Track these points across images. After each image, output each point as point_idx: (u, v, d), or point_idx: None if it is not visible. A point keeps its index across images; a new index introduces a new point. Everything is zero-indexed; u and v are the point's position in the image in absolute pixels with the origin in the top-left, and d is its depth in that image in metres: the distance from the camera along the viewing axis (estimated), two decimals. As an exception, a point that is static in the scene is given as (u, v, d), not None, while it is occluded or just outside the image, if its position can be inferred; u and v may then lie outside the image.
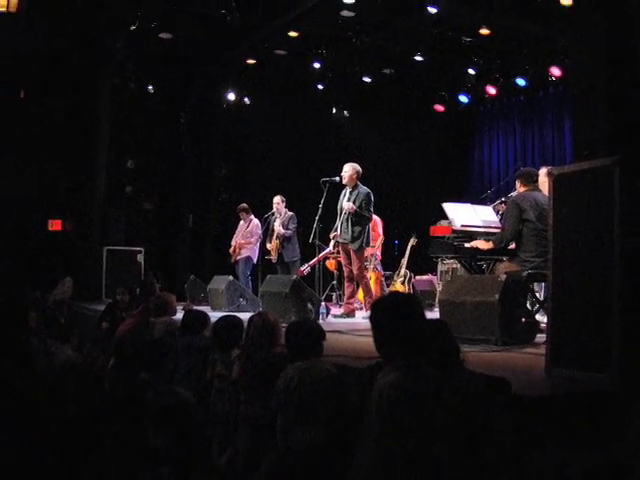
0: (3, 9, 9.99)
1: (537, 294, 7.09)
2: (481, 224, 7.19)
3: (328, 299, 11.38)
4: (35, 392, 5.73)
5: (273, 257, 10.84)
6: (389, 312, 3.16)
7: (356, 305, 9.55)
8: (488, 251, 6.72)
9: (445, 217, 7.81)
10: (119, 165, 14.07)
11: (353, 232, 8.87)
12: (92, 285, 12.07)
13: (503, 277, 5.87)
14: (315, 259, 10.60)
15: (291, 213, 10.90)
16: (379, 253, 11.30)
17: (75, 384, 5.59)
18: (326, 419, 3.90)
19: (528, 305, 6.45)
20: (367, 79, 14.84)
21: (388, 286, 11.29)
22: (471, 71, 14.17)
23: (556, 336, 4.22)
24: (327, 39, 13.21)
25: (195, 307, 8.62)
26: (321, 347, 4.25)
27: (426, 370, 3.03)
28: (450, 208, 7.26)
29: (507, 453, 3.21)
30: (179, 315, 6.62)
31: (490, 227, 7.19)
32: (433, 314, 7.64)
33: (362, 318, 8.60)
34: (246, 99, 14.93)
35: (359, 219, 8.86)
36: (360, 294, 9.74)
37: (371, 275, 10.41)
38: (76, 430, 4.73)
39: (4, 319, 7.33)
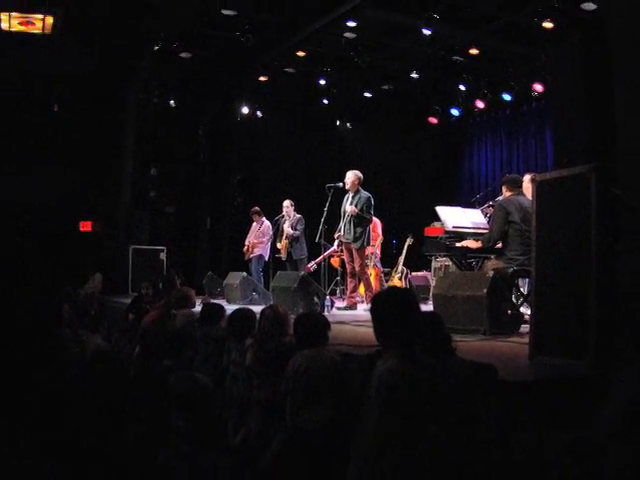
0: (39, 31, 10.02)
1: (521, 289, 7.07)
2: (471, 225, 7.18)
3: (332, 293, 11.35)
4: (67, 377, 5.75)
5: (283, 255, 10.85)
6: (388, 305, 3.15)
7: (358, 299, 9.52)
8: (477, 250, 6.72)
9: (438, 219, 7.80)
10: (143, 172, 14.05)
11: (355, 232, 8.87)
12: (119, 280, 12.10)
13: (490, 273, 5.87)
14: (321, 257, 10.64)
15: (299, 215, 10.90)
16: (379, 252, 11.27)
17: (104, 370, 5.61)
18: (331, 402, 3.90)
19: (513, 299, 6.43)
20: (368, 94, 14.85)
21: (387, 282, 11.26)
22: (462, 87, 14.16)
23: (538, 327, 4.22)
24: (332, 58, 13.21)
25: (212, 300, 8.64)
26: (326, 336, 4.24)
27: (421, 357, 3.02)
28: (443, 211, 7.25)
29: (494, 433, 3.20)
30: (198, 307, 6.63)
31: (479, 228, 7.17)
32: (427, 307, 7.64)
33: (363, 310, 8.58)
34: (259, 112, 14.94)
35: (360, 221, 8.86)
36: (361, 289, 9.72)
37: (371, 272, 10.38)
38: (104, 412, 4.73)
39: (40, 311, 7.35)
